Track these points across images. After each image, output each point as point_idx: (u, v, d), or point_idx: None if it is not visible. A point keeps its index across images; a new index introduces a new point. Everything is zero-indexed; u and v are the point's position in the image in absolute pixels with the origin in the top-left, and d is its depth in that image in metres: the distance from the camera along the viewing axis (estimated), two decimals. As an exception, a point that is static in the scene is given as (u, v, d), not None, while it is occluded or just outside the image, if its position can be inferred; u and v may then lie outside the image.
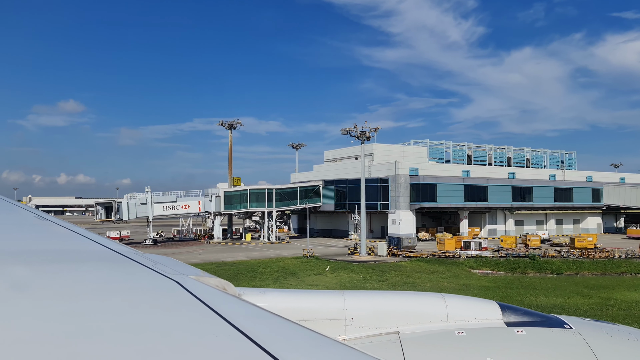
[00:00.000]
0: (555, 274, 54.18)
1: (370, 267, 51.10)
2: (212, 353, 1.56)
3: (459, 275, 50.16)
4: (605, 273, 54.78)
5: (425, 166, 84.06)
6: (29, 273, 2.50)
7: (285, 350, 1.60)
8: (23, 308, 1.91)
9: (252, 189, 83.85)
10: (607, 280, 49.24)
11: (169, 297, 2.33)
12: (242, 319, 1.93)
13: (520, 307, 4.87)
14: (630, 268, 55.83)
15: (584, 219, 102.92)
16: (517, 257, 58.27)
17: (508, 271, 54.73)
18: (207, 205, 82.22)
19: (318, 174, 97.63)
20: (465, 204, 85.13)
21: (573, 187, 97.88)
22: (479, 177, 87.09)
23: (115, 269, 2.91)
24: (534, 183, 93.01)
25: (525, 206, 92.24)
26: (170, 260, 3.57)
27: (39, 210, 5.64)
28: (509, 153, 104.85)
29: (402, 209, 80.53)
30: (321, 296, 4.80)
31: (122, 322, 1.81)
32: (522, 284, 46.66)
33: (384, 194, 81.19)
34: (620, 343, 4.36)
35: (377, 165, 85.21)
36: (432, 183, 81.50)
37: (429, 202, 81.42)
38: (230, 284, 3.45)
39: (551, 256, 59.03)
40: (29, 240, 3.89)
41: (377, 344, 4.33)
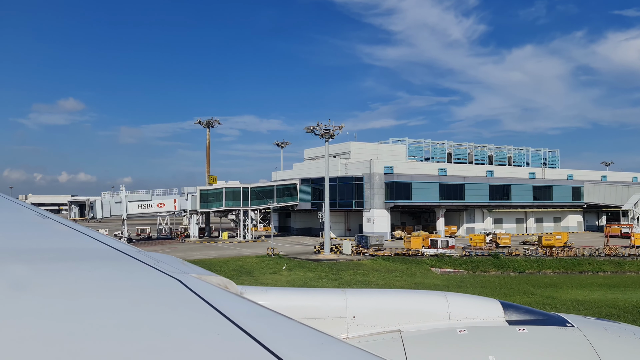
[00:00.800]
0: (517, 272, 54.23)
1: (328, 266, 51.21)
2: (214, 351, 1.56)
3: (416, 274, 50.24)
4: (566, 271, 54.83)
5: (403, 164, 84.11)
6: (31, 271, 2.50)
7: (287, 349, 1.60)
8: (25, 307, 1.91)
9: (228, 188, 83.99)
10: (560, 279, 49.30)
11: (171, 295, 2.33)
12: (244, 318, 1.94)
13: (522, 306, 4.88)
14: (592, 266, 55.88)
15: (564, 217, 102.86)
16: (480, 256, 58.32)
17: (470, 270, 54.77)
18: (184, 204, 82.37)
19: (297, 172, 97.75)
20: (441, 202, 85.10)
21: (553, 185, 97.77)
22: (456, 176, 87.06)
23: (118, 268, 2.90)
24: (512, 181, 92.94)
25: (504, 204, 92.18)
26: (172, 259, 3.58)
27: (41, 209, 5.68)
28: (490, 151, 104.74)
29: (376, 207, 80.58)
30: (323, 294, 4.81)
31: (124, 320, 1.81)
32: (474, 282, 46.71)
33: (359, 192, 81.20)
34: (623, 342, 4.36)
35: (353, 164, 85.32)
36: (406, 181, 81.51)
37: (404, 201, 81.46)
38: (232, 282, 3.45)
39: (515, 254, 59.05)
40: (30, 239, 3.89)
41: (379, 343, 4.34)
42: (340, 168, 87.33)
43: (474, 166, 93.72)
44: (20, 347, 1.49)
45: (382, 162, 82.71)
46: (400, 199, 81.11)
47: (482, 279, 48.82)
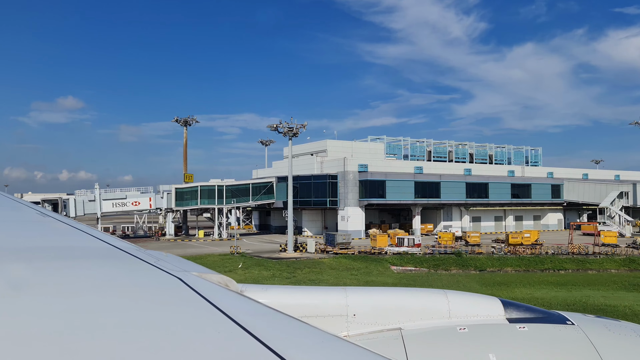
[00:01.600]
0: (479, 271, 54.21)
1: (286, 265, 51.26)
2: (214, 350, 1.56)
3: (373, 272, 50.26)
4: (528, 269, 54.77)
5: (377, 163, 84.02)
6: (32, 270, 2.50)
7: (287, 347, 1.61)
8: (25, 305, 1.91)
9: (203, 186, 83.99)
10: (513, 277, 49.31)
11: (171, 293, 2.33)
12: (244, 316, 1.95)
13: (522, 304, 4.88)
14: (554, 264, 55.81)
15: (544, 216, 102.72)
16: (444, 254, 58.30)
17: (431, 268, 54.75)
18: (159, 202, 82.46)
19: (276, 170, 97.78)
20: (416, 200, 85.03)
21: (531, 183, 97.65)
22: (432, 174, 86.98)
23: (118, 266, 2.91)
24: (490, 179, 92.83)
25: (481, 202, 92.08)
26: (172, 257, 3.61)
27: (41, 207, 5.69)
28: (471, 149, 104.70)
29: (350, 205, 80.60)
30: (323, 293, 4.80)
31: (124, 318, 1.82)
32: (428, 280, 46.73)
33: (333, 190, 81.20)
34: (623, 340, 4.37)
35: (328, 162, 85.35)
36: (380, 179, 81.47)
37: (378, 199, 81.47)
38: (232, 281, 3.47)
39: (478, 253, 59.01)
40: (31, 237, 3.89)
41: (379, 341, 4.34)
42: (317, 166, 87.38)
43: (451, 164, 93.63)
44: (21, 346, 1.47)
45: (358, 160, 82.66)
46: (374, 197, 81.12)
47: (434, 277, 48.85)
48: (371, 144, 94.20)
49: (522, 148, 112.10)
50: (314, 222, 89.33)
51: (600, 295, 37.55)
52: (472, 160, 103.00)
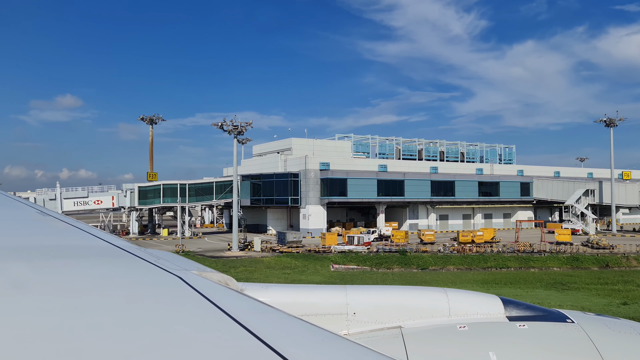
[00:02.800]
0: (420, 269, 54.16)
1: (222, 263, 51.26)
2: (214, 349, 1.57)
3: (308, 270, 50.25)
4: (470, 268, 54.70)
5: (340, 161, 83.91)
6: (32, 269, 2.50)
7: (287, 346, 1.61)
8: (25, 304, 1.92)
9: (166, 184, 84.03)
10: (447, 275, 49.24)
11: (171, 292, 2.33)
12: (245, 314, 1.95)
13: (522, 302, 4.88)
14: (497, 263, 55.74)
15: (514, 213, 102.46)
16: (388, 252, 58.23)
17: (374, 266, 54.72)
18: (122, 201, 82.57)
19: (245, 168, 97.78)
20: (379, 199, 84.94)
21: (500, 181, 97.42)
22: (396, 172, 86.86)
23: (118, 265, 2.92)
24: (457, 177, 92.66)
25: (448, 200, 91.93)
26: (172, 256, 3.62)
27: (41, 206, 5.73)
28: (442, 147, 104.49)
29: (312, 203, 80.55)
30: (323, 291, 4.81)
31: (124, 317, 1.83)
32: (361, 279, 46.72)
33: (294, 188, 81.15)
34: (623, 337, 4.37)
35: (292, 160, 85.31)
36: (342, 178, 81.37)
37: (339, 197, 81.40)
38: (232, 279, 3.47)
39: (423, 251, 58.91)
40: (31, 236, 3.91)
41: (380, 339, 4.35)
42: (281, 164, 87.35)
43: (417, 162, 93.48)
44: (21, 345, 1.48)
45: (323, 158, 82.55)
46: (335, 195, 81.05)
47: (367, 276, 48.85)
48: (338, 142, 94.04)
49: (495, 146, 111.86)
50: (279, 220, 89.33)
51: (514, 293, 37.45)
52: (443, 158, 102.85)
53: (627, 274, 48.59)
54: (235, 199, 64.34)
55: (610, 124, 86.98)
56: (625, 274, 48.61)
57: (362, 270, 52.81)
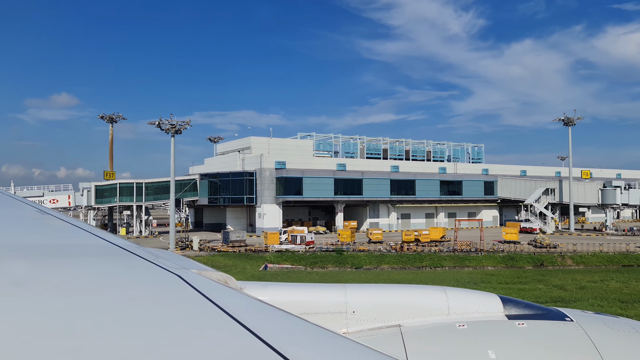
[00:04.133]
0: (355, 268, 54.06)
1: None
2: (214, 347, 1.57)
3: (236, 270, 50.13)
4: (404, 267, 54.63)
5: (300, 160, 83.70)
6: (30, 268, 2.50)
7: (287, 344, 1.61)
8: (24, 303, 1.91)
9: (122, 183, 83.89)
10: (368, 275, 49.15)
11: (171, 291, 2.34)
12: (244, 313, 1.95)
13: (521, 300, 4.89)
14: (433, 262, 55.64)
15: (479, 212, 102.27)
16: (325, 252, 58.13)
17: (309, 265, 54.67)
18: (79, 200, 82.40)
19: (207, 167, 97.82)
20: (336, 197, 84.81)
21: (462, 180, 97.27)
22: (354, 171, 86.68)
23: (117, 263, 2.92)
24: (418, 176, 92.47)
25: (408, 199, 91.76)
26: (172, 254, 3.61)
27: (40, 205, 5.75)
28: (407, 146, 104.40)
29: (267, 202, 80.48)
30: (323, 290, 4.81)
31: (124, 316, 1.82)
32: (283, 278, 46.61)
33: (250, 187, 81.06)
34: (622, 336, 4.37)
35: (249, 159, 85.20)
36: (297, 176, 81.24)
37: (295, 196, 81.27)
38: (232, 278, 3.46)
39: (360, 250, 58.80)
40: (30, 235, 3.92)
41: (379, 337, 4.35)
42: (239, 163, 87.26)
43: (377, 161, 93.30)
44: (20, 344, 1.48)
45: (280, 157, 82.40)
46: (290, 194, 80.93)
47: (296, 275, 48.75)
48: (299, 141, 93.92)
49: (463, 145, 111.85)
50: (239, 219, 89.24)
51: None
52: (409, 157, 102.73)
53: (549, 273, 48.50)
54: (172, 199, 64.33)
55: (569, 123, 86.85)
56: (547, 273, 48.51)
57: (294, 270, 52.71)
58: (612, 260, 55.39)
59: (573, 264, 54.98)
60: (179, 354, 1.48)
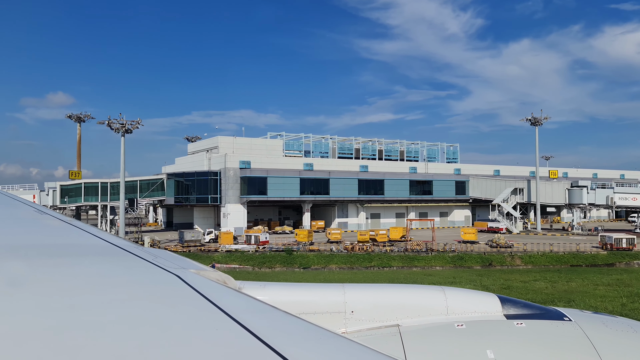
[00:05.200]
0: (302, 268, 53.89)
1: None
2: (212, 347, 1.56)
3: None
4: (352, 267, 54.45)
5: (262, 159, 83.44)
6: (29, 267, 2.50)
7: (286, 344, 1.61)
8: (23, 302, 1.91)
9: (87, 182, 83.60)
10: (308, 275, 48.99)
11: (169, 290, 2.34)
12: (243, 313, 1.95)
13: (520, 300, 4.89)
14: (381, 262, 55.44)
15: (451, 212, 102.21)
16: (275, 252, 57.94)
17: (256, 265, 54.49)
18: (44, 199, 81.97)
19: (177, 167, 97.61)
20: (302, 197, 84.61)
21: (433, 180, 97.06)
22: (321, 170, 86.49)
23: (116, 263, 2.92)
24: (386, 176, 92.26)
25: (377, 199, 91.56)
26: (170, 255, 3.61)
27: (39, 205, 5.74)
28: (381, 146, 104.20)
29: (231, 202, 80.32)
30: (321, 289, 4.80)
31: (123, 315, 1.82)
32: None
33: (214, 187, 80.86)
34: (620, 335, 4.38)
35: (215, 158, 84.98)
36: (262, 176, 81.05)
37: (259, 196, 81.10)
38: (230, 278, 3.46)
39: (310, 250, 58.60)
40: (29, 235, 3.91)
41: (377, 337, 4.34)
42: (206, 163, 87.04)
43: (346, 161, 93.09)
44: (19, 343, 1.48)
45: (244, 156, 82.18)
46: (255, 194, 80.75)
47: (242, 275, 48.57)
48: (268, 141, 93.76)
49: (438, 144, 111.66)
50: (206, 219, 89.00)
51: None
52: (382, 156, 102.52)
53: (487, 274, 48.32)
54: (122, 198, 64.17)
55: (536, 123, 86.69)
56: (484, 274, 48.31)
57: (242, 270, 52.52)
58: (560, 260, 55.22)
59: (522, 264, 54.79)
60: (178, 354, 1.47)
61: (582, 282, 41.23)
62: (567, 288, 38.51)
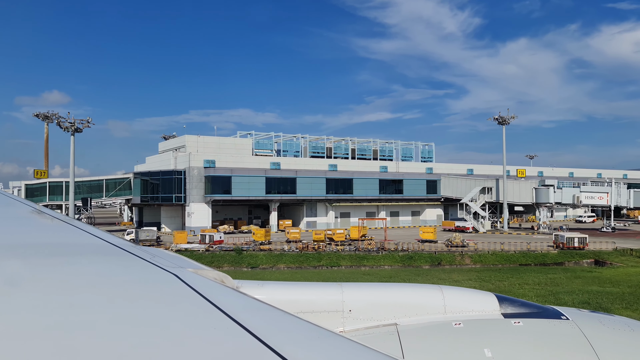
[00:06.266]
0: (251, 268, 53.67)
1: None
2: (210, 346, 1.56)
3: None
4: (301, 266, 54.25)
5: (227, 158, 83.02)
6: (26, 266, 2.49)
7: (283, 343, 1.61)
8: (20, 302, 1.89)
9: (52, 182, 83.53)
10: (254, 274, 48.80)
11: (167, 290, 2.33)
12: (241, 312, 1.94)
13: (517, 299, 4.89)
14: (330, 261, 55.23)
15: (423, 211, 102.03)
16: (226, 251, 57.71)
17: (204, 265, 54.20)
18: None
19: (147, 166, 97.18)
20: (268, 196, 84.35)
21: (403, 179, 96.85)
22: (288, 169, 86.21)
23: (113, 262, 2.90)
24: (355, 175, 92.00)
25: (345, 198, 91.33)
26: (168, 254, 3.61)
27: (36, 204, 5.74)
28: (353, 145, 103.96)
29: (195, 201, 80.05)
30: (319, 288, 4.77)
31: (120, 315, 1.81)
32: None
33: (179, 186, 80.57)
34: (617, 334, 4.39)
35: (180, 157, 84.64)
36: (226, 175, 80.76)
37: (224, 195, 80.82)
38: (228, 277, 3.43)
39: (261, 250, 58.39)
40: (26, 234, 3.88)
41: (375, 336, 4.35)
42: (172, 162, 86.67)
43: (314, 160, 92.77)
44: (16, 342, 1.48)
45: (218, 156, 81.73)
46: (219, 193, 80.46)
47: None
48: (237, 140, 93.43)
49: (412, 144, 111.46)
50: (174, 218, 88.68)
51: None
52: (354, 156, 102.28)
53: (428, 273, 48.06)
54: (71, 199, 63.86)
55: (503, 122, 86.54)
56: (425, 273, 48.04)
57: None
58: (509, 259, 55.04)
59: (471, 263, 54.60)
60: (176, 353, 1.47)
61: (512, 282, 41.03)
62: (494, 288, 38.27)
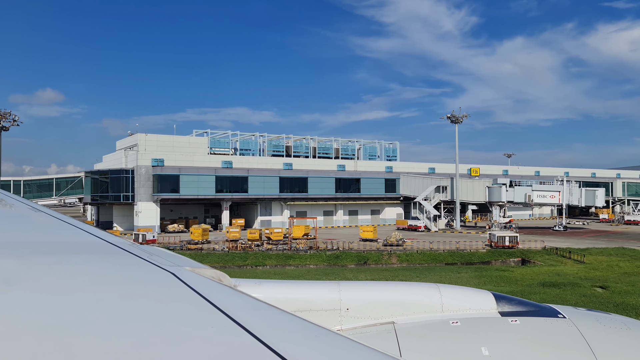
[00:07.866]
0: (175, 267, 53.20)
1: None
2: (207, 345, 1.55)
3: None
4: (225, 265, 53.69)
5: (180, 157, 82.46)
6: (22, 265, 2.46)
7: (281, 342, 1.60)
8: (16, 301, 1.88)
9: None
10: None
11: (164, 288, 2.31)
12: (238, 310, 1.93)
13: (514, 297, 4.89)
14: (256, 261, 54.72)
15: (382, 210, 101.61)
16: (153, 250, 57.20)
17: (129, 264, 53.76)
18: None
19: (106, 164, 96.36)
20: (218, 195, 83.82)
21: (361, 177, 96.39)
22: (240, 168, 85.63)
23: (110, 261, 2.87)
24: (310, 173, 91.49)
25: (299, 197, 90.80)
26: (165, 252, 3.60)
27: (32, 202, 5.67)
28: (314, 143, 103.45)
29: (143, 200, 79.45)
30: (317, 287, 4.78)
31: (117, 313, 1.80)
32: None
33: (127, 185, 79.98)
34: (614, 332, 4.39)
35: (130, 156, 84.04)
36: (174, 174, 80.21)
37: (171, 194, 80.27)
38: (226, 275, 3.43)
39: (187, 249, 57.93)
40: (21, 232, 3.83)
41: (373, 334, 4.35)
42: (124, 161, 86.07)
43: (269, 158, 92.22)
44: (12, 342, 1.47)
45: (171, 155, 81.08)
46: (167, 192, 79.91)
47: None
48: (192, 138, 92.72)
49: (375, 142, 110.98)
50: (126, 217, 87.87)
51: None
52: (315, 154, 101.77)
53: (346, 272, 47.63)
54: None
55: (455, 121, 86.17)
56: (343, 272, 47.65)
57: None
58: (437, 258, 54.57)
59: (397, 262, 54.16)
60: (173, 352, 1.46)
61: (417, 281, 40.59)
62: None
